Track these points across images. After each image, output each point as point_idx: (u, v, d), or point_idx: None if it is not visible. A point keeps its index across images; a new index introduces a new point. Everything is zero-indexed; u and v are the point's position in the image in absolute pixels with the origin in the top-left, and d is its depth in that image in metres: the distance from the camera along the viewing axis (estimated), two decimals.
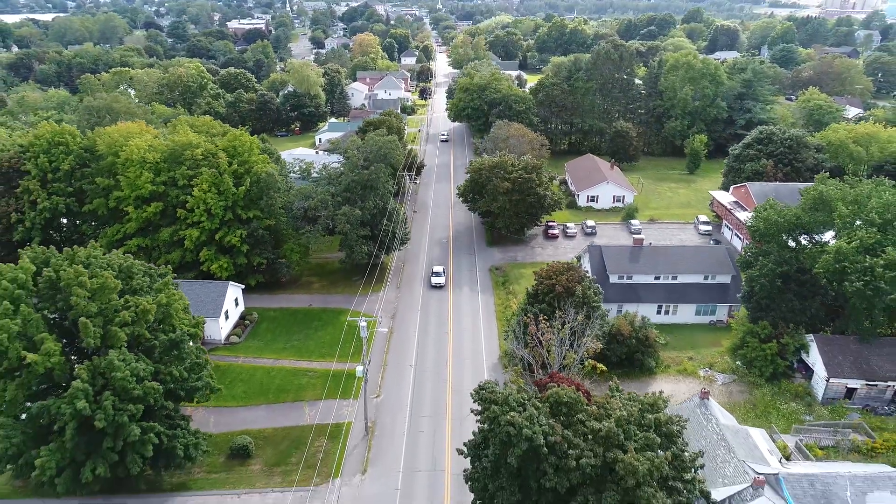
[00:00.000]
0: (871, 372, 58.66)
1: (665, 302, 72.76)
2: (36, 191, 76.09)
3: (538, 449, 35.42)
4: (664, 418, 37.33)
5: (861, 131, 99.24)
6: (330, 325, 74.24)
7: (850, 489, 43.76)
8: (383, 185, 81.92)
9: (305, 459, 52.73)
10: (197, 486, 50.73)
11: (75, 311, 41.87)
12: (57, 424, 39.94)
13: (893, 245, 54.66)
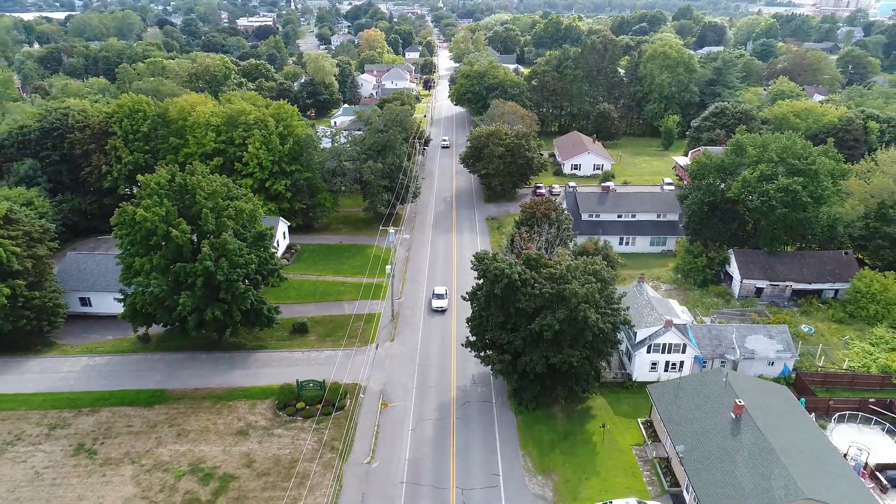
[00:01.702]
0: (775, 275, 78.43)
1: (625, 234, 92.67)
2: (120, 148, 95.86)
3: (514, 283, 55.13)
4: (599, 268, 57.09)
5: (800, 106, 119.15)
6: (358, 256, 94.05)
7: (735, 334, 63.62)
8: (399, 145, 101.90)
9: (348, 334, 72.29)
10: (271, 347, 70.49)
11: (198, 206, 61.62)
12: (190, 280, 59.54)
13: (783, 175, 74.33)
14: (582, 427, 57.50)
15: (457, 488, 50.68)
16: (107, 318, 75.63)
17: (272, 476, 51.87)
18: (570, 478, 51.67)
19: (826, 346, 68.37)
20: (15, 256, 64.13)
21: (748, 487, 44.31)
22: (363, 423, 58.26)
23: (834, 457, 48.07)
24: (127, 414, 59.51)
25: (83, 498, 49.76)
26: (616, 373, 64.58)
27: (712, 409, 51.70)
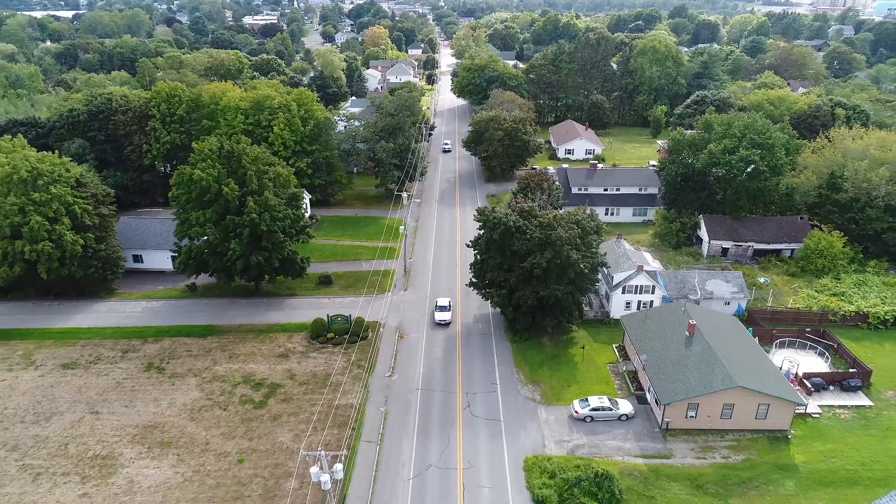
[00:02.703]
0: (739, 237, 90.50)
1: (610, 206, 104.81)
2: (159, 129, 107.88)
3: (510, 229, 67.19)
4: (581, 218, 69.19)
5: (774, 95, 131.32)
6: (372, 225, 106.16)
7: (697, 278, 75.74)
8: (408, 128, 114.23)
9: (367, 284, 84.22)
10: (300, 294, 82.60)
11: (243, 169, 73.68)
12: (238, 230, 71.60)
13: (744, 148, 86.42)
14: (566, 351, 69.57)
15: (463, 392, 62.70)
16: (156, 272, 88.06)
17: (311, 385, 63.95)
18: (554, 385, 63.73)
19: (777, 292, 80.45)
20: (86, 213, 76.30)
21: (694, 381, 56.37)
22: (384, 349, 70.33)
23: (766, 363, 60.13)
24: (185, 342, 71.62)
25: (158, 399, 61.81)
26: (596, 312, 76.68)
27: (671, 330, 63.70)
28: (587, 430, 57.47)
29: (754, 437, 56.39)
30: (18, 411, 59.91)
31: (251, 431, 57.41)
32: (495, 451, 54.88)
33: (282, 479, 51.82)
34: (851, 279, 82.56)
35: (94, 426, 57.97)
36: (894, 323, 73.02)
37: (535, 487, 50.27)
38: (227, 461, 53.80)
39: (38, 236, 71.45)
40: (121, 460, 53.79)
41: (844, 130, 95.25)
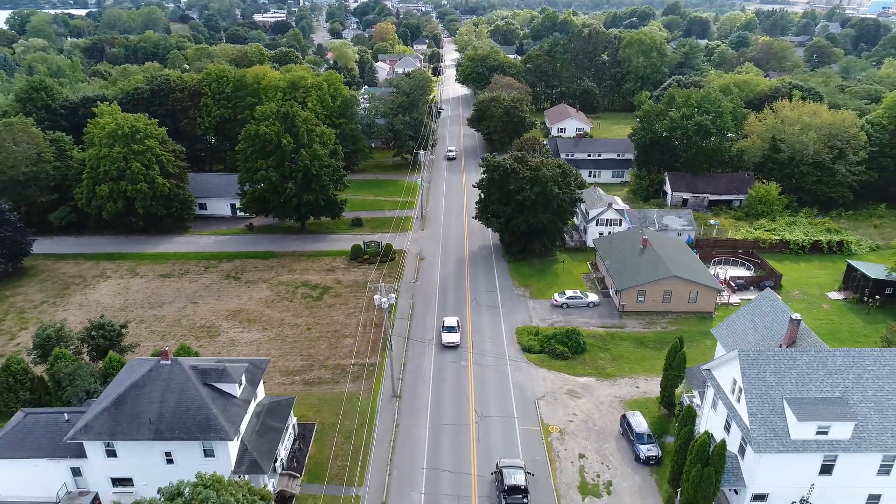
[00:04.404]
0: (696, 190, 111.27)
1: (593, 168, 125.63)
2: (210, 105, 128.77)
3: (507, 171, 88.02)
4: (561, 163, 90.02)
5: (739, 78, 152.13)
6: (392, 186, 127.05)
7: (655, 214, 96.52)
8: (421, 105, 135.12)
9: (392, 226, 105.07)
10: (338, 233, 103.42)
11: (296, 127, 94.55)
12: (293, 174, 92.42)
13: (698, 115, 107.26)
14: (550, 267, 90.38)
15: (470, 292, 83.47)
16: (218, 217, 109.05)
17: (354, 287, 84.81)
18: (540, 287, 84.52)
19: (723, 229, 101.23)
20: (170, 163, 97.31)
21: (643, 275, 77.06)
22: (408, 267, 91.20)
23: (699, 266, 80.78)
24: (252, 262, 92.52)
25: (240, 296, 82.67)
26: (576, 242, 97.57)
27: (630, 246, 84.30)
28: (563, 313, 78.21)
29: (687, 316, 77.03)
30: (138, 301, 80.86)
31: (313, 313, 78.28)
32: (495, 324, 75.67)
33: (340, 338, 72.66)
34: (784, 220, 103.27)
35: (195, 310, 78.84)
36: (810, 249, 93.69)
37: (523, 341, 71.07)
38: (299, 329, 74.64)
39: (137, 178, 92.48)
40: (221, 329, 74.64)
41: (785, 102, 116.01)
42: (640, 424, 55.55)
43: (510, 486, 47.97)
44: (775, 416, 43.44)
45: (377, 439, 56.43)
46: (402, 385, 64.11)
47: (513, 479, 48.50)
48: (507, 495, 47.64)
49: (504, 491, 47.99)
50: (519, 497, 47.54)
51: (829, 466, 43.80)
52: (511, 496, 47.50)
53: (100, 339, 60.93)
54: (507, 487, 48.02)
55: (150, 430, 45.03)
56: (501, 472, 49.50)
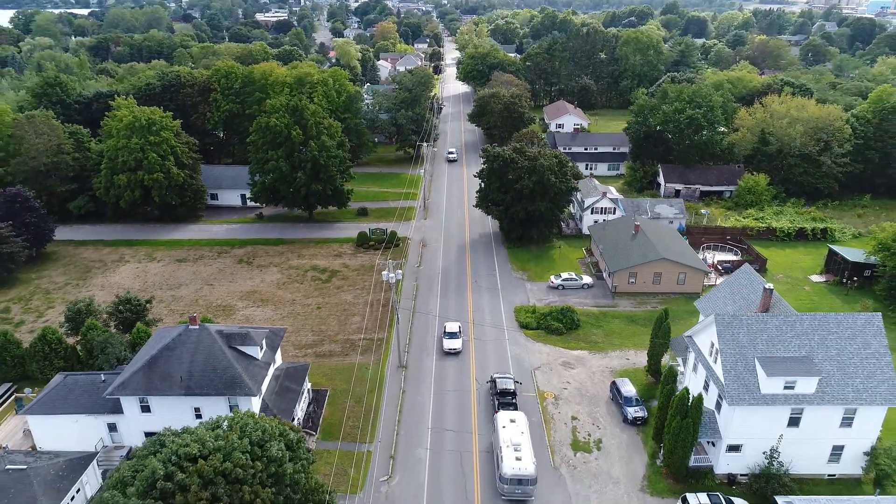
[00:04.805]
0: (688, 181, 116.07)
1: (590, 161, 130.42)
2: (219, 100, 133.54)
3: (506, 161, 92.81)
4: (558, 153, 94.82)
5: (733, 75, 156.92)
6: (395, 179, 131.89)
7: (648, 203, 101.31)
8: (423, 101, 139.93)
9: (395, 216, 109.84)
10: (344, 221, 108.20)
11: (305, 119, 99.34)
12: (303, 164, 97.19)
13: (690, 109, 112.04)
14: (547, 253, 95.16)
15: (471, 275, 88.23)
16: (229, 207, 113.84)
17: (361, 271, 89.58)
18: (537, 271, 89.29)
19: (713, 218, 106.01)
20: (185, 154, 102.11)
21: (634, 258, 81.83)
22: (412, 252, 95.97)
23: (688, 250, 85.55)
24: (263, 248, 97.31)
25: (252, 278, 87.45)
26: (572, 230, 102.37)
27: (623, 231, 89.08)
28: (559, 294, 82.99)
29: (676, 297, 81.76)
30: (156, 283, 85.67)
31: (323, 294, 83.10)
32: (494, 304, 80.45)
33: (349, 316, 77.46)
34: (772, 210, 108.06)
35: (211, 291, 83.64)
36: (795, 236, 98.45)
37: (521, 318, 75.86)
38: (310, 308, 79.45)
39: (153, 168, 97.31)
40: (236, 308, 79.41)
41: (774, 97, 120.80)
42: (628, 390, 60.32)
43: (501, 390, 59.73)
44: (748, 374, 48.22)
45: (385, 404, 61.20)
46: (408, 357, 68.86)
47: (504, 385, 60.18)
48: (500, 397, 59.10)
49: (497, 394, 59.41)
50: (508, 398, 58.98)
51: (797, 419, 48.56)
52: (503, 398, 58.99)
53: (127, 312, 65.73)
54: (499, 391, 59.69)
55: (180, 387, 49.82)
56: (495, 381, 61.02)
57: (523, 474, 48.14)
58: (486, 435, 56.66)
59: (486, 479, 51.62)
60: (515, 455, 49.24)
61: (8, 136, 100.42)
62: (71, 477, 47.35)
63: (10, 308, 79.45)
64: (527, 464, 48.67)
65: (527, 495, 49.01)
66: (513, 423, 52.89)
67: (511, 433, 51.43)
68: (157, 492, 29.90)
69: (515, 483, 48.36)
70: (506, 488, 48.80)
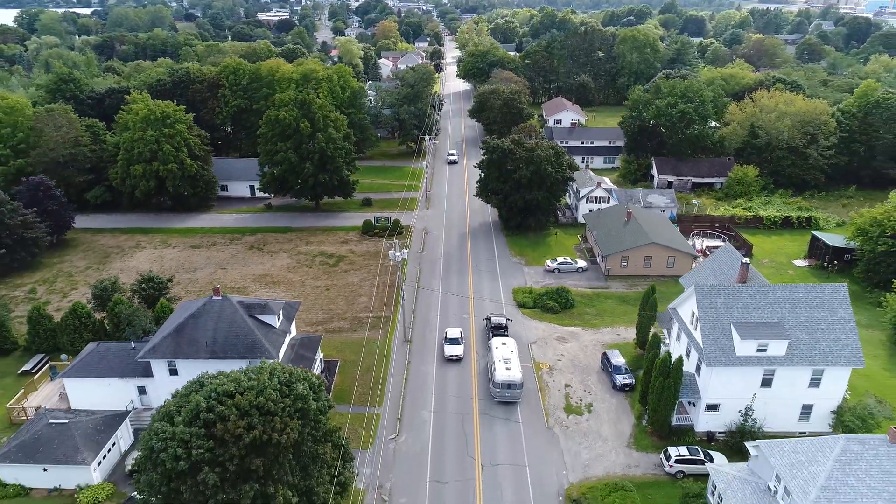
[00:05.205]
0: (681, 173, 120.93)
1: (586, 155, 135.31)
2: (227, 96, 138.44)
3: (505, 151, 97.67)
4: (554, 144, 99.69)
5: (726, 72, 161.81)
6: (398, 172, 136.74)
7: (641, 192, 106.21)
8: (425, 96, 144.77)
9: (399, 206, 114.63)
10: (349, 211, 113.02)
11: (313, 112, 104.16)
12: (310, 155, 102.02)
13: (682, 103, 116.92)
14: (544, 240, 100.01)
15: (472, 260, 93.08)
16: (238, 198, 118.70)
17: (367, 256, 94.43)
18: (535, 256, 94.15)
19: (703, 207, 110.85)
20: (197, 146, 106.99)
21: (626, 242, 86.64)
22: (415, 239, 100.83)
23: (677, 236, 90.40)
24: (272, 236, 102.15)
25: (263, 263, 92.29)
26: (568, 218, 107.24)
27: (617, 218, 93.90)
28: (555, 277, 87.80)
29: (665, 279, 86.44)
30: (173, 267, 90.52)
31: (331, 277, 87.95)
32: (493, 286, 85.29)
33: (356, 297, 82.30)
34: (760, 200, 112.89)
35: (225, 274, 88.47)
36: (781, 224, 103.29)
37: (518, 298, 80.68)
38: (319, 289, 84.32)
39: (168, 159, 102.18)
40: (249, 289, 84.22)
41: (763, 92, 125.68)
42: (617, 360, 65.15)
43: (496, 324, 71.41)
44: (724, 338, 53.07)
45: (392, 373, 66.03)
46: (413, 333, 73.70)
47: (497, 321, 71.82)
48: (494, 330, 70.82)
49: (492, 328, 71.10)
50: (502, 331, 70.66)
51: (769, 380, 53.40)
52: (496, 330, 70.76)
53: (149, 290, 70.59)
54: (493, 325, 71.37)
55: (206, 351, 54.65)
56: (490, 318, 72.76)
57: (511, 380, 59.85)
58: (485, 400, 61.52)
59: (486, 433, 56.53)
60: (506, 366, 60.90)
61: (28, 128, 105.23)
62: (108, 431, 52.27)
63: (35, 289, 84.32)
64: (515, 373, 60.41)
65: (514, 397, 60.38)
66: (504, 345, 64.67)
67: (503, 352, 63.12)
68: (201, 421, 34.62)
69: (505, 387, 59.95)
70: (497, 391, 60.33)
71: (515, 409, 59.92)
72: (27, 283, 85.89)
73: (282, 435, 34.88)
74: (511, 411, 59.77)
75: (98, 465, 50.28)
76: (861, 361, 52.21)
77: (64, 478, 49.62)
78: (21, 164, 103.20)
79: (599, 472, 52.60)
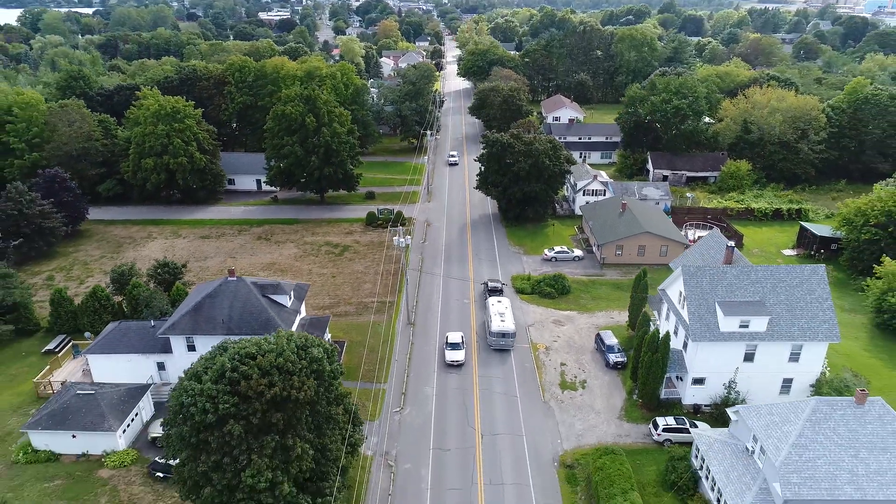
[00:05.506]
0: (675, 167, 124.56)
1: (584, 150, 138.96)
2: (233, 93, 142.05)
3: (504, 145, 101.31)
4: (552, 138, 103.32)
5: (721, 70, 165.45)
6: (400, 167, 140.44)
7: (636, 185, 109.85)
8: (427, 93, 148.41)
9: (402, 199, 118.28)
10: (353, 204, 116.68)
11: (318, 107, 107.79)
12: (316, 149, 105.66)
13: (676, 99, 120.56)
14: (542, 231, 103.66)
15: (472, 250, 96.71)
16: (245, 192, 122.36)
17: (371, 246, 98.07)
18: (532, 245, 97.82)
19: (696, 200, 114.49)
20: (206, 140, 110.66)
21: (621, 232, 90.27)
22: (417, 230, 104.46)
23: (670, 225, 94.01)
24: (279, 227, 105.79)
25: (271, 252, 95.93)
26: (566, 211, 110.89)
27: (612, 210, 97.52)
28: (552, 265, 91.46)
29: (658, 267, 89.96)
30: (184, 256, 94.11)
31: (336, 265, 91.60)
32: (493, 273, 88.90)
33: (361, 283, 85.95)
34: (752, 193, 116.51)
35: (234, 263, 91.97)
36: (772, 216, 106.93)
37: (517, 285, 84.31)
38: (325, 276, 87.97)
39: (178, 153, 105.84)
40: (259, 276, 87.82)
41: (756, 88, 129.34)
42: (610, 340, 68.79)
43: (492, 288, 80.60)
44: (709, 315, 56.68)
45: (397, 353, 69.68)
46: (416, 316, 77.35)
47: (493, 285, 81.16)
48: (490, 292, 79.69)
49: (489, 290, 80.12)
50: (498, 293, 79.79)
51: (751, 354, 57.00)
52: (493, 293, 79.65)
53: (165, 274, 74.21)
54: (490, 288, 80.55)
55: (222, 328, 58.27)
56: (487, 283, 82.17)
57: (506, 329, 68.74)
58: (486, 376, 65.16)
59: (485, 406, 60.18)
60: (500, 319, 69.88)
61: (42, 123, 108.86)
62: (131, 402, 55.93)
63: (53, 276, 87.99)
64: (508, 323, 69.29)
65: (508, 345, 69.26)
66: (499, 302, 74.08)
67: (498, 308, 72.36)
68: (226, 380, 38.20)
69: (500, 336, 68.83)
70: (493, 340, 69.29)
71: (513, 383, 63.56)
72: (45, 271, 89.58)
73: (299, 392, 38.48)
74: (510, 384, 63.45)
75: (123, 433, 53.92)
76: (837, 337, 55.82)
77: (91, 444, 53.25)
78: (36, 158, 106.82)
79: (592, 441, 56.24)
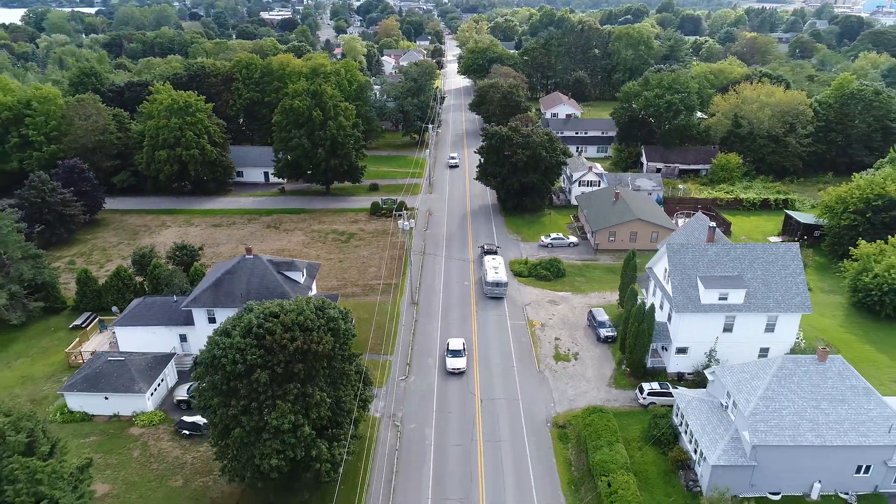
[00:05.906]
0: (669, 160, 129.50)
1: (580, 144, 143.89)
2: (241, 89, 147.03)
3: (503, 137, 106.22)
4: (549, 131, 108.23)
5: (715, 67, 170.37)
6: (402, 161, 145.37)
7: (630, 177, 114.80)
8: (428, 89, 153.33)
9: (404, 191, 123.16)
10: (357, 195, 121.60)
11: (325, 102, 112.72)
12: (322, 142, 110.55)
13: (669, 95, 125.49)
14: (539, 220, 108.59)
15: (472, 236, 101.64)
16: (253, 184, 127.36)
17: (375, 234, 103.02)
18: (530, 233, 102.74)
19: (688, 191, 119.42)
20: (217, 133, 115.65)
21: (613, 219, 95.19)
22: (420, 219, 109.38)
23: (661, 214, 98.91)
24: (287, 216, 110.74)
25: (281, 240, 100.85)
26: (562, 201, 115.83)
27: (606, 199, 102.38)
28: (548, 251, 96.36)
29: (649, 253, 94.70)
30: (197, 242, 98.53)
31: (343, 251, 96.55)
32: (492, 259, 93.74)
33: (366, 268, 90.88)
34: (742, 185, 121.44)
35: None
36: (760, 206, 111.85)
37: (514, 268, 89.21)
38: (332, 261, 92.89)
39: (190, 145, 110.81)
40: None
41: (746, 84, 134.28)
42: (602, 316, 73.70)
43: (487, 249, 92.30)
44: (691, 289, 61.58)
45: (402, 329, 74.59)
46: (419, 297, 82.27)
47: (489, 247, 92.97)
48: (486, 253, 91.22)
49: (486, 252, 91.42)
50: (492, 253, 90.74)
51: (730, 325, 61.88)
52: (487, 254, 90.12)
53: (183, 256, 79.14)
54: (486, 250, 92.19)
55: (241, 302, 62.96)
56: (483, 246, 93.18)
57: (499, 280, 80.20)
58: (485, 353, 70.12)
59: (484, 375, 65.09)
60: (494, 271, 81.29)
61: (60, 117, 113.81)
62: (158, 368, 60.86)
63: (74, 261, 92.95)
64: (502, 275, 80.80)
65: (501, 293, 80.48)
66: (493, 258, 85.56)
67: (492, 263, 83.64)
68: (253, 335, 43.06)
69: (494, 285, 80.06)
70: (488, 289, 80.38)
71: (511, 356, 68.46)
72: (66, 256, 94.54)
73: (318, 346, 43.34)
74: (507, 357, 68.36)
75: (151, 396, 58.84)
76: (808, 308, 60.75)
77: (122, 405, 58.16)
78: (54, 150, 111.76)
79: (582, 405, 61.10)
